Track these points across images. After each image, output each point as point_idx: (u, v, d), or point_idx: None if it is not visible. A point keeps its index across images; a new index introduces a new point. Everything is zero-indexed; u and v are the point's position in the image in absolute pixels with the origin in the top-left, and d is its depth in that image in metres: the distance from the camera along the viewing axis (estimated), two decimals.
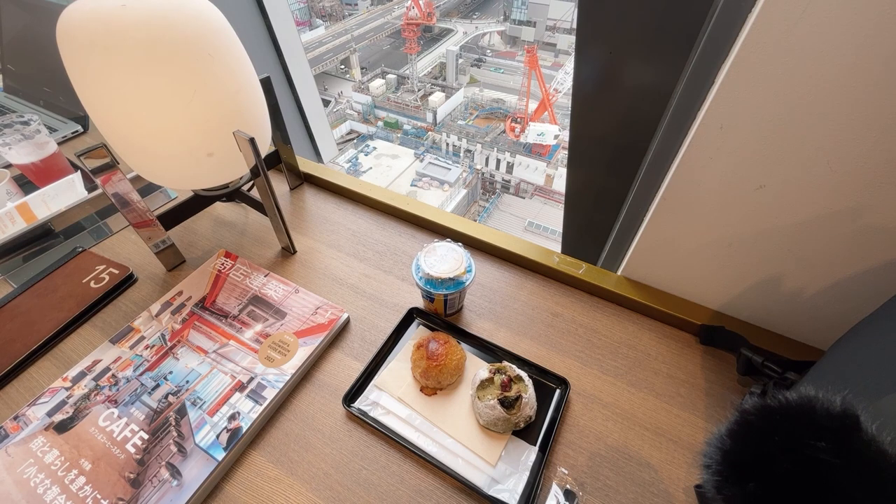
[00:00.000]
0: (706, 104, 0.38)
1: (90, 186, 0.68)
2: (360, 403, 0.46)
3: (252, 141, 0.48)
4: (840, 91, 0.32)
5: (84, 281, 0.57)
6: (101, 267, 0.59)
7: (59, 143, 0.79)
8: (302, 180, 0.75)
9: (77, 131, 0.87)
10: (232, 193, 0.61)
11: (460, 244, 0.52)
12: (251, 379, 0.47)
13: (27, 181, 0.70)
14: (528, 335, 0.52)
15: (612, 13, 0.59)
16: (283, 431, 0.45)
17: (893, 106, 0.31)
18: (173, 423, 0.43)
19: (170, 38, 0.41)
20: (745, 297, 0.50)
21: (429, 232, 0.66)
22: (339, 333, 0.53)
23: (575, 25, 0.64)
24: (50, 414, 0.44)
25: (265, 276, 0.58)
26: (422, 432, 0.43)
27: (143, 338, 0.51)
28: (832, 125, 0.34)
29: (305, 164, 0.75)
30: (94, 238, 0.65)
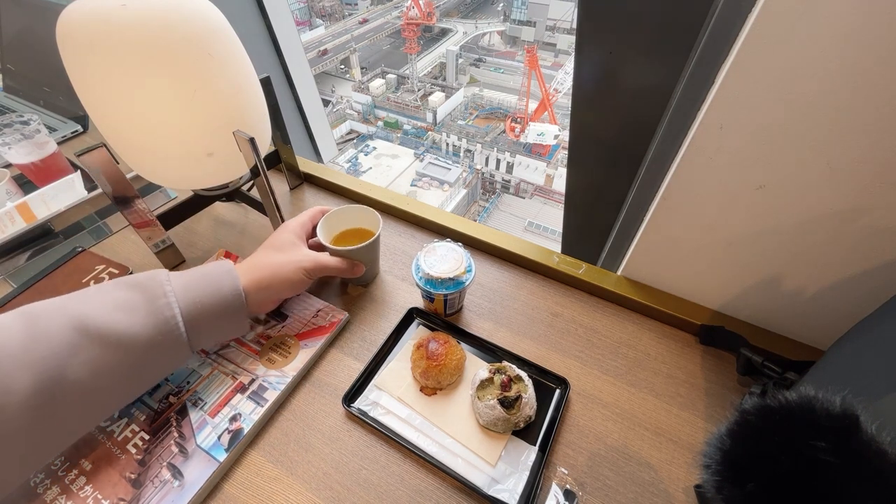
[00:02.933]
0: (706, 104, 0.38)
1: (90, 186, 0.68)
2: (359, 403, 0.46)
3: (252, 141, 0.48)
4: (841, 91, 0.32)
5: (84, 281, 0.57)
6: (101, 267, 0.59)
7: (59, 143, 0.79)
8: (302, 180, 0.75)
9: (77, 131, 0.87)
10: (232, 193, 0.61)
11: (460, 244, 0.52)
12: (252, 380, 0.47)
13: (27, 181, 0.70)
14: (528, 335, 0.52)
15: (612, 13, 0.59)
16: (283, 431, 0.45)
17: (894, 106, 0.31)
18: (174, 424, 0.43)
19: (170, 37, 0.41)
20: (745, 297, 0.50)
21: (429, 232, 0.66)
22: (340, 333, 0.53)
23: (575, 25, 0.64)
24: None
25: None
26: (422, 432, 0.43)
27: None
28: (832, 125, 0.34)
29: (305, 164, 0.75)
30: (94, 238, 0.65)
